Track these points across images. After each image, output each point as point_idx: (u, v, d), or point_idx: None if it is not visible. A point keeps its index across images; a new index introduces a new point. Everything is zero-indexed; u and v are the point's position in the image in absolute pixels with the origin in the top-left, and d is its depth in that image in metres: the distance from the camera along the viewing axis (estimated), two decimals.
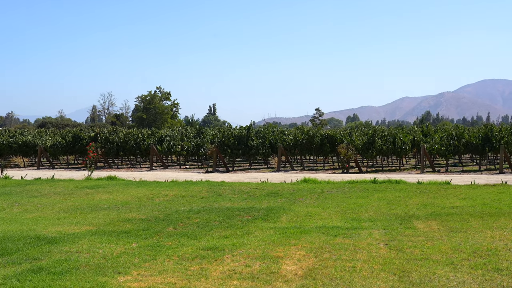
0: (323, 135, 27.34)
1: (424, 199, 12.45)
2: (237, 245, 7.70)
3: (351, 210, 10.97)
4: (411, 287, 5.70)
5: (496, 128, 27.67)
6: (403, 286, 5.72)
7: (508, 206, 10.87)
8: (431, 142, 26.02)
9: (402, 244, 7.64)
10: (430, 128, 37.09)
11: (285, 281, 5.96)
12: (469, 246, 7.42)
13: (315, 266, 6.50)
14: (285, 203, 12.29)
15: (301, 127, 33.47)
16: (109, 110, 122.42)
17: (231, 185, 16.14)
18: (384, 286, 5.75)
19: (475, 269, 6.29)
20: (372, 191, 13.96)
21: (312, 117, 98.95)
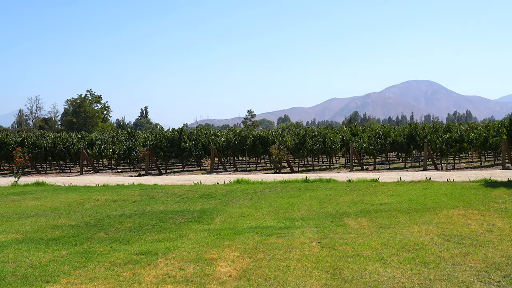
0: (255, 136, 27.51)
1: (354, 196, 12.75)
2: (170, 249, 7.60)
3: (284, 210, 11.08)
4: (343, 284, 5.82)
5: (419, 127, 28.82)
6: (335, 283, 5.83)
7: (433, 202, 11.31)
8: (359, 141, 26.72)
9: (334, 241, 7.79)
10: (358, 127, 38.14)
11: (219, 283, 5.94)
12: (397, 242, 7.66)
13: (250, 267, 6.52)
14: (219, 204, 12.26)
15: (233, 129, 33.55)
16: (36, 114, 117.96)
17: (164, 188, 15.94)
18: (317, 284, 5.84)
19: (404, 264, 6.49)
20: (304, 190, 14.17)
21: (244, 119, 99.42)
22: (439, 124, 36.84)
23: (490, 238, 7.79)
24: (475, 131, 27.52)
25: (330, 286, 5.76)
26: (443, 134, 26.26)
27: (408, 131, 27.27)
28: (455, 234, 8.09)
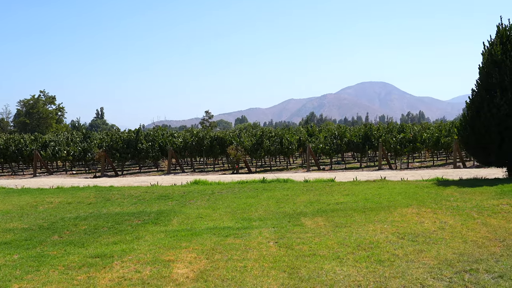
0: (212, 137, 27.46)
1: (310, 196, 12.85)
2: (126, 251, 7.49)
3: (242, 210, 11.08)
4: (300, 283, 5.85)
5: (374, 127, 29.33)
6: (292, 283, 5.86)
7: (387, 200, 11.51)
8: (316, 142, 26.98)
9: (291, 241, 7.83)
10: (315, 128, 38.51)
11: (176, 285, 5.89)
12: (353, 240, 7.76)
13: (207, 268, 6.49)
14: (176, 205, 12.16)
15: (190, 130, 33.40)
16: None
17: (120, 189, 15.70)
18: (274, 283, 5.86)
19: (360, 262, 6.58)
20: (262, 191, 14.20)
21: (202, 120, 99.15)
22: (393, 124, 37.56)
23: (442, 235, 7.98)
24: (428, 131, 28.21)
25: (287, 285, 5.78)
26: (397, 134, 26.79)
27: (363, 131, 27.72)
28: (409, 232, 8.26)
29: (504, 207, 10.19)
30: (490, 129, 15.31)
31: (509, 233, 7.99)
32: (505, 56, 15.28)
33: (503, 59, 15.27)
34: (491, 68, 15.58)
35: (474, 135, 15.90)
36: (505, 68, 15.19)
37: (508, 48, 15.34)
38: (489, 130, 15.37)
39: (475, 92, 16.16)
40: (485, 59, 15.96)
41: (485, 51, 16.07)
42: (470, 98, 16.26)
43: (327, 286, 5.72)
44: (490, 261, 6.44)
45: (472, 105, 16.05)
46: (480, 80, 16.07)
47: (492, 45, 15.88)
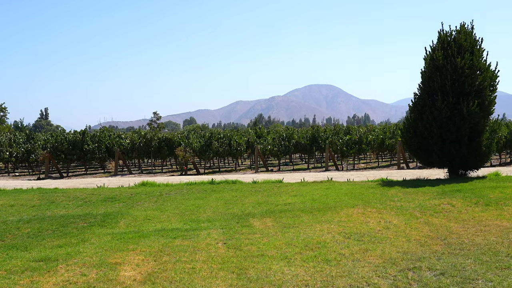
0: (161, 138, 27.19)
1: (259, 197, 12.91)
2: (72, 254, 7.32)
3: (190, 212, 11.03)
4: (248, 283, 5.88)
5: (321, 129, 29.80)
6: (241, 284, 5.88)
7: (334, 201, 11.69)
8: (264, 143, 27.13)
9: (240, 242, 7.85)
10: (263, 130, 38.75)
11: None
12: (301, 240, 7.85)
13: (155, 270, 6.42)
14: (123, 207, 11.98)
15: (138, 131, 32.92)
16: None
17: (65, 191, 15.31)
18: (223, 284, 5.86)
19: (307, 262, 6.66)
20: (210, 192, 14.16)
21: (150, 121, 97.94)
22: (340, 126, 38.26)
23: (387, 234, 8.19)
24: (373, 133, 28.83)
25: (236, 286, 5.79)
26: (343, 136, 27.27)
27: (310, 133, 28.07)
28: (355, 231, 8.42)
29: (445, 206, 10.54)
30: (432, 131, 15.79)
31: (450, 232, 8.27)
32: (446, 61, 15.80)
33: (444, 64, 15.79)
34: (433, 73, 16.07)
35: (416, 137, 16.37)
36: (446, 72, 15.71)
37: (449, 54, 15.87)
38: (431, 132, 15.85)
39: (418, 95, 16.64)
40: (427, 64, 16.46)
41: (427, 56, 16.58)
42: (413, 101, 16.73)
43: (275, 286, 5.76)
44: (432, 259, 6.64)
45: (415, 108, 16.51)
46: (423, 84, 16.56)
47: (434, 50, 16.40)
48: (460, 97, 15.66)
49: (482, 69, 15.87)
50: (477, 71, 15.86)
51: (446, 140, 15.74)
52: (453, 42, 16.11)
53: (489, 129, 16.21)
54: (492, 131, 16.28)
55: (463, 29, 16.31)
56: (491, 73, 15.96)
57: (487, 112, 15.92)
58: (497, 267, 6.16)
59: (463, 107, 15.35)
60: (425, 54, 16.65)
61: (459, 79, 15.68)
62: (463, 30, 16.27)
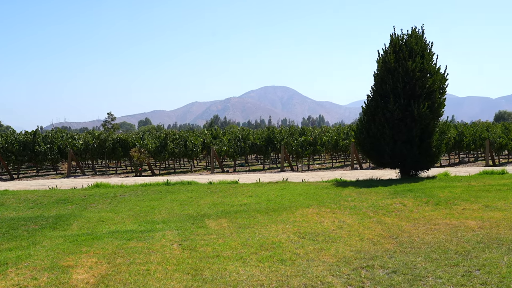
0: (115, 139, 26.80)
1: (214, 198, 12.90)
2: (22, 257, 7.13)
3: (145, 213, 10.92)
4: (203, 284, 5.87)
5: (277, 130, 29.99)
6: (196, 285, 5.86)
7: (289, 201, 11.79)
8: (220, 144, 27.10)
9: (195, 243, 7.82)
10: (219, 131, 38.70)
11: None
12: (256, 241, 7.89)
13: (108, 273, 6.33)
14: (76, 209, 11.75)
15: (92, 132, 32.32)
16: None
17: (15, 193, 14.89)
18: (178, 286, 5.83)
19: (262, 262, 6.70)
20: (165, 193, 14.05)
21: (104, 122, 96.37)
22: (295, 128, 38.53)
23: (341, 234, 8.31)
24: (327, 134, 29.19)
25: (191, 287, 5.78)
26: (298, 137, 27.51)
27: (266, 134, 28.19)
28: (310, 231, 8.52)
29: (397, 206, 10.79)
30: (384, 132, 16.13)
31: (401, 231, 8.47)
32: (398, 64, 16.17)
33: (396, 67, 16.16)
34: (385, 75, 16.43)
35: (369, 138, 16.69)
36: (398, 75, 16.08)
37: (400, 57, 16.25)
38: (383, 133, 16.19)
39: (371, 97, 16.97)
40: (380, 67, 16.81)
41: (379, 59, 16.93)
42: (366, 103, 17.04)
43: (230, 287, 5.77)
44: (384, 258, 6.78)
45: (367, 110, 16.83)
46: (375, 87, 16.90)
47: (386, 54, 16.76)
48: (411, 99, 16.06)
49: (432, 72, 16.33)
50: (427, 74, 16.31)
51: (398, 141, 16.11)
52: (404, 45, 16.50)
53: (439, 131, 16.69)
54: (441, 133, 16.77)
55: (414, 33, 16.74)
56: (440, 76, 16.44)
57: (437, 114, 16.39)
58: (446, 265, 6.34)
59: (414, 109, 15.74)
60: (378, 57, 16.99)
61: (410, 82, 16.07)
62: (414, 34, 16.70)
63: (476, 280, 5.69)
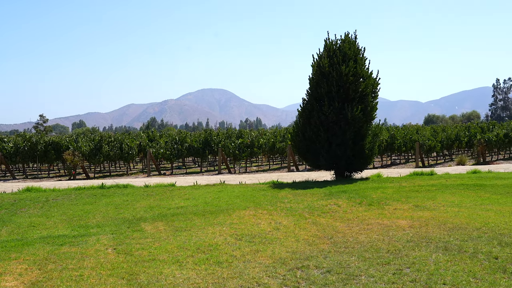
0: (47, 142, 25.99)
1: (151, 201, 12.75)
2: None
3: (78, 217, 10.65)
4: None
5: (214, 133, 29.98)
6: None
7: (226, 204, 11.81)
8: (156, 147, 26.80)
9: (130, 247, 7.71)
10: (156, 133, 38.29)
11: None
12: (193, 243, 7.86)
13: (39, 279, 6.14)
14: (5, 215, 11.30)
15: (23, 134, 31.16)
16: None
17: None
18: None
19: (199, 265, 6.68)
20: (100, 197, 13.76)
21: (35, 124, 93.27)
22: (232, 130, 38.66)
23: (277, 235, 8.41)
24: (264, 137, 29.43)
25: None
26: (235, 139, 27.59)
27: (203, 136, 28.12)
28: (247, 233, 8.57)
29: (332, 207, 11.02)
30: (319, 135, 16.44)
31: (336, 231, 8.65)
32: (332, 68, 16.53)
33: (330, 71, 16.51)
34: (320, 79, 16.75)
35: (305, 140, 16.97)
36: (332, 79, 16.43)
37: (334, 61, 16.61)
38: (318, 136, 16.50)
39: (306, 101, 17.26)
40: (315, 71, 17.13)
41: (314, 63, 17.25)
42: (301, 106, 17.32)
43: None
44: (319, 258, 6.91)
45: (303, 113, 17.10)
46: (310, 90, 17.20)
47: (320, 58, 17.09)
48: (345, 102, 16.45)
49: (365, 76, 16.81)
50: (360, 78, 16.76)
51: (333, 143, 16.44)
52: (338, 50, 16.89)
53: (372, 133, 17.17)
54: (374, 135, 17.26)
55: (347, 39, 17.17)
56: (373, 80, 16.94)
57: (370, 117, 16.87)
58: (379, 263, 6.54)
59: (347, 112, 16.12)
60: (313, 61, 17.31)
61: (344, 86, 16.46)
62: (347, 40, 17.14)
63: (406, 278, 5.90)
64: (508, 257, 6.54)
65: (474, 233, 7.99)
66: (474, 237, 7.75)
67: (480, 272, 6.01)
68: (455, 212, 10.01)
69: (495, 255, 6.67)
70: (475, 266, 6.24)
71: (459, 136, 30.19)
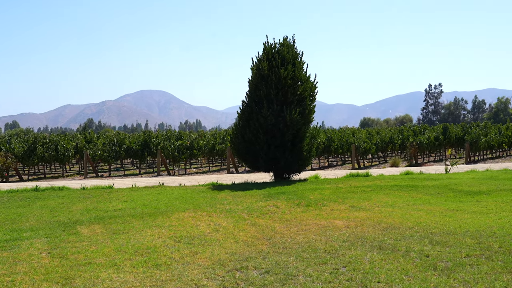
0: None
1: (87, 204, 12.48)
2: None
3: (11, 221, 10.28)
4: None
5: (153, 135, 29.68)
6: None
7: (165, 206, 11.72)
8: (94, 148, 26.27)
9: (66, 251, 7.52)
10: (93, 134, 37.54)
11: None
12: (131, 246, 7.75)
13: None
14: None
15: None
16: None
17: None
18: None
19: (137, 268, 6.60)
20: (34, 199, 13.35)
21: None
22: (172, 132, 38.38)
23: (216, 237, 8.42)
24: (204, 138, 29.41)
25: None
26: (175, 141, 27.42)
27: (142, 138, 27.81)
28: (186, 235, 8.54)
29: (270, 208, 11.14)
30: (259, 137, 16.58)
31: (275, 232, 8.76)
32: (271, 71, 16.72)
33: (269, 74, 16.69)
34: (259, 82, 16.91)
35: (245, 142, 17.07)
36: (271, 82, 16.62)
37: (273, 64, 16.81)
38: (257, 138, 16.63)
39: (246, 103, 17.37)
40: (254, 73, 17.28)
41: (254, 66, 17.39)
42: (241, 108, 17.41)
43: None
44: (258, 259, 6.97)
45: (243, 115, 17.20)
46: (250, 93, 17.33)
47: (260, 61, 17.25)
48: (284, 105, 16.67)
49: (303, 80, 17.11)
50: (298, 81, 17.05)
51: (272, 145, 16.62)
52: (277, 54, 17.11)
53: (310, 136, 17.48)
54: (312, 138, 17.58)
55: (285, 42, 17.42)
56: (310, 84, 17.26)
57: (308, 120, 17.17)
58: (316, 263, 6.66)
59: (286, 114, 16.34)
60: (252, 64, 17.44)
61: (283, 89, 16.69)
62: (285, 43, 17.39)
63: (342, 277, 6.04)
64: (438, 255, 6.81)
65: (407, 232, 8.28)
66: (407, 236, 8.03)
67: (413, 269, 6.23)
68: (389, 212, 10.34)
69: (426, 253, 6.93)
70: (408, 264, 6.47)
71: (393, 138, 31.18)
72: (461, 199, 11.90)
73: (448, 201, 11.61)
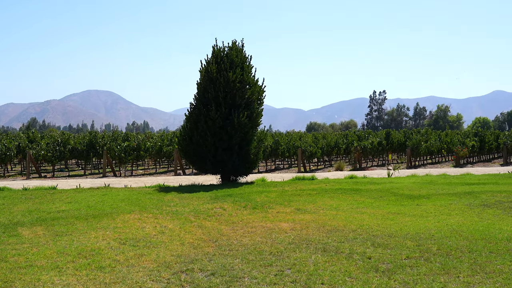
0: None
1: (29, 205, 12.16)
2: None
3: None
4: None
5: (99, 135, 29.19)
6: None
7: (110, 207, 11.56)
8: (37, 148, 25.57)
9: (6, 253, 7.33)
10: (37, 134, 36.56)
11: None
12: (74, 248, 7.63)
13: None
14: None
15: None
16: None
17: None
18: None
19: (80, 270, 6.50)
20: None
21: None
22: (118, 133, 37.79)
23: (162, 239, 8.40)
24: (151, 140, 29.15)
25: None
26: (122, 142, 27.03)
27: (88, 139, 27.29)
28: (131, 237, 8.47)
29: (217, 210, 11.18)
30: (207, 139, 16.60)
31: (221, 234, 8.81)
32: (220, 74, 16.78)
33: (218, 77, 16.75)
34: (208, 85, 16.95)
35: (192, 144, 17.05)
36: (219, 85, 16.68)
37: (222, 68, 16.88)
38: (205, 140, 16.65)
39: (194, 105, 17.37)
40: (203, 76, 17.31)
41: (202, 68, 17.42)
42: (189, 111, 17.39)
43: None
44: (204, 261, 7.00)
45: (191, 118, 17.18)
46: (198, 95, 17.34)
47: (208, 64, 17.29)
48: (232, 108, 16.77)
49: (251, 83, 17.27)
50: (247, 85, 17.20)
51: (219, 148, 16.68)
52: (226, 57, 17.21)
53: (257, 139, 17.64)
54: (259, 141, 17.75)
55: (234, 46, 17.54)
56: (258, 88, 17.45)
57: (255, 123, 17.33)
58: (261, 265, 6.75)
59: (234, 118, 16.44)
60: (201, 67, 17.47)
61: (231, 92, 16.78)
62: (234, 47, 17.50)
63: (287, 279, 6.15)
64: (380, 257, 7.03)
65: (350, 235, 8.50)
66: (350, 238, 8.25)
67: (355, 271, 6.41)
68: (334, 215, 10.57)
69: (368, 255, 7.13)
70: (351, 266, 6.65)
71: (338, 143, 31.78)
72: (402, 202, 12.28)
73: (390, 205, 11.97)
